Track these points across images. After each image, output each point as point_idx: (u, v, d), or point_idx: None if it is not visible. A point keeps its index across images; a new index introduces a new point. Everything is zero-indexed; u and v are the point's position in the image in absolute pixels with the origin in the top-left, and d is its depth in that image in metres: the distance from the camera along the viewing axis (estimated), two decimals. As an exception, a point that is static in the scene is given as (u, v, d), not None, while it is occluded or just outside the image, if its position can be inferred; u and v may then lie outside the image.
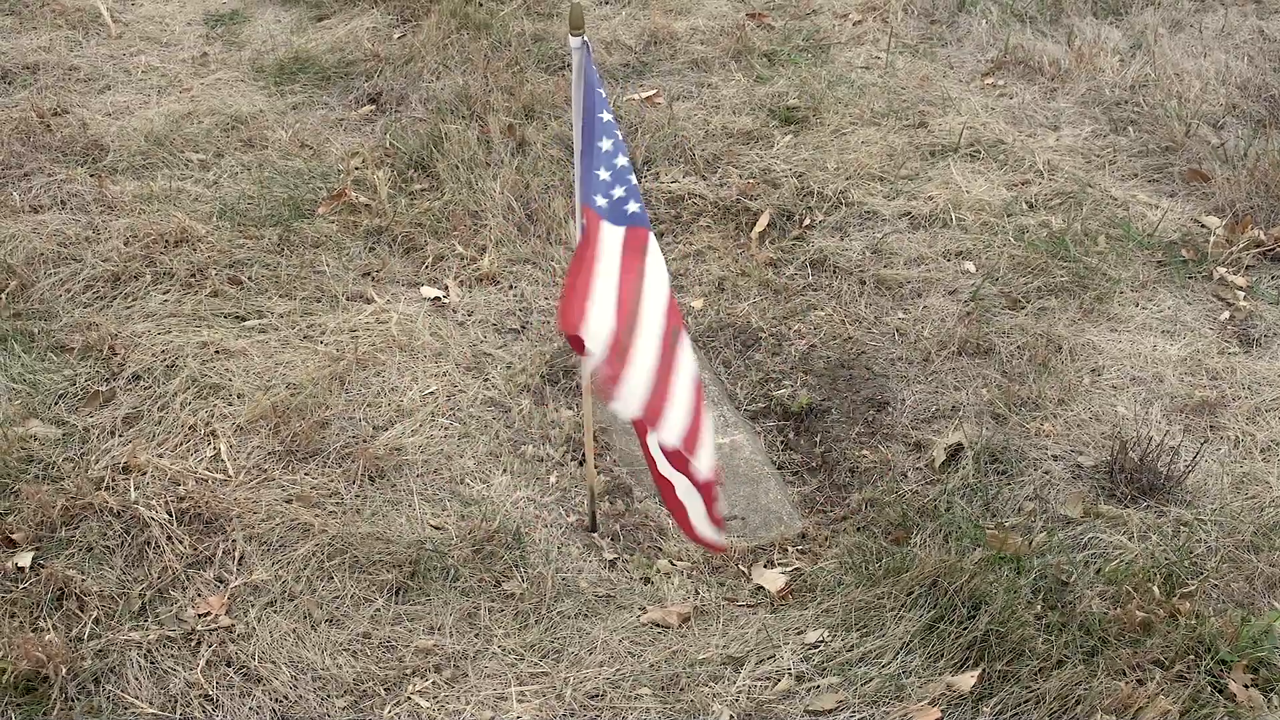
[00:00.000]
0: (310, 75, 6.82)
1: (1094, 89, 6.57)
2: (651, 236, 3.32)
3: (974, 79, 6.77)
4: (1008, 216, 5.64)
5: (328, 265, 5.36)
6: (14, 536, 3.95)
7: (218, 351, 4.82)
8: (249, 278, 5.26)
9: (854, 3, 7.59)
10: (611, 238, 3.23)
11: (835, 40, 7.19)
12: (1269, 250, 5.39)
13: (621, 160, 3.32)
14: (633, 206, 3.30)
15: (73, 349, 4.80)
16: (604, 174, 3.28)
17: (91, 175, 5.88)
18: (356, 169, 5.97)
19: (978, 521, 4.13)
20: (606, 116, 3.36)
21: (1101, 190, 5.83)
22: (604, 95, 3.40)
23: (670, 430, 3.15)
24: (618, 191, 3.29)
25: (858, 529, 4.23)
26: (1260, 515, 4.14)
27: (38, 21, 7.21)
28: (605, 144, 3.31)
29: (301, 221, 5.62)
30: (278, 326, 5.01)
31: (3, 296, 5.06)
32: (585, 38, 3.34)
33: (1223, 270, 5.30)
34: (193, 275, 5.24)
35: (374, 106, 6.60)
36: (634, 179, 3.34)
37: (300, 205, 5.72)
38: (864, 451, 4.57)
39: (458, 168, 5.90)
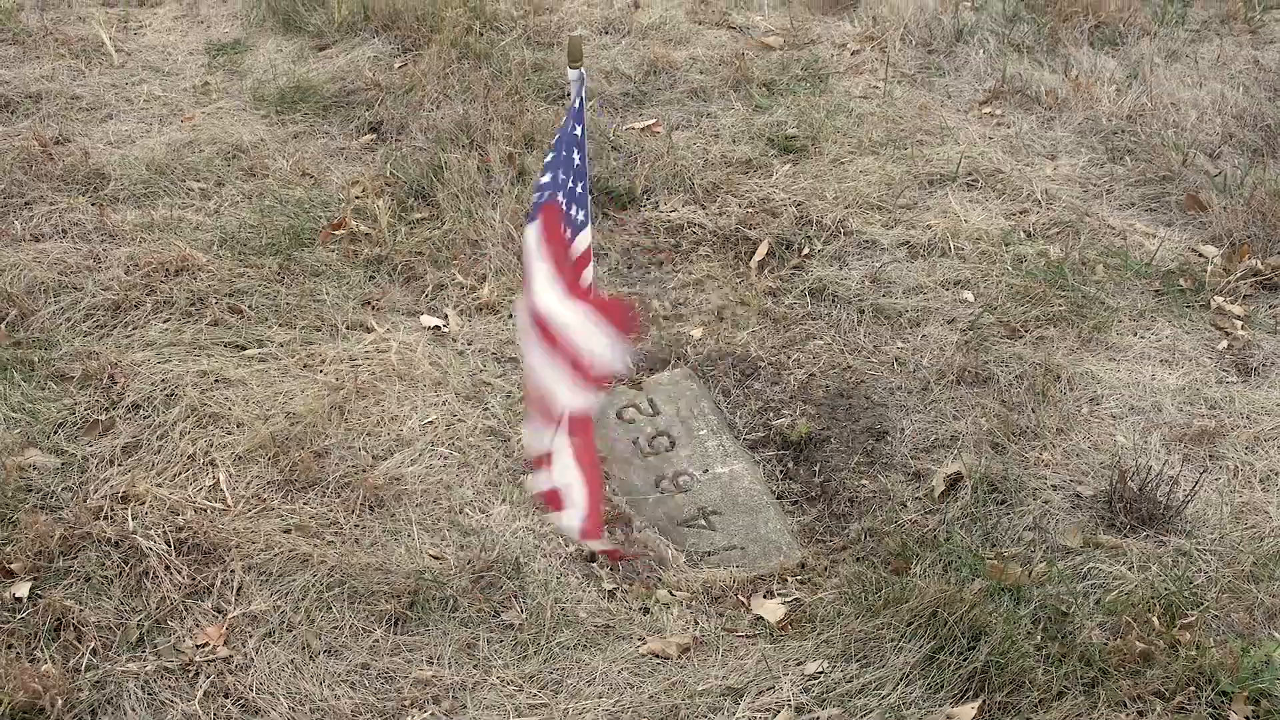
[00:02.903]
0: (311, 104, 6.85)
1: (1091, 118, 6.59)
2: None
3: (972, 108, 6.80)
4: (1006, 246, 5.66)
5: (328, 294, 5.37)
6: (11, 566, 3.94)
7: (217, 380, 4.82)
8: (249, 306, 5.27)
9: (852, 33, 7.63)
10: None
11: (834, 70, 7.22)
12: (1266, 279, 5.40)
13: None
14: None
15: (72, 378, 4.80)
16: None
17: (93, 204, 5.89)
18: (357, 198, 5.99)
19: (977, 551, 4.13)
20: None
21: (1099, 219, 5.85)
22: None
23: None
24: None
25: (857, 559, 4.22)
26: (1260, 545, 4.14)
27: (41, 51, 7.24)
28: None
29: (302, 250, 5.63)
30: (277, 355, 5.01)
31: (3, 325, 5.06)
32: (583, 70, 3.36)
33: (1220, 299, 5.31)
34: (193, 304, 5.25)
35: (374, 135, 6.62)
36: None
37: (301, 234, 5.74)
38: (863, 481, 4.57)
39: (458, 196, 5.91)
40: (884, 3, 7.78)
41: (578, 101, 3.42)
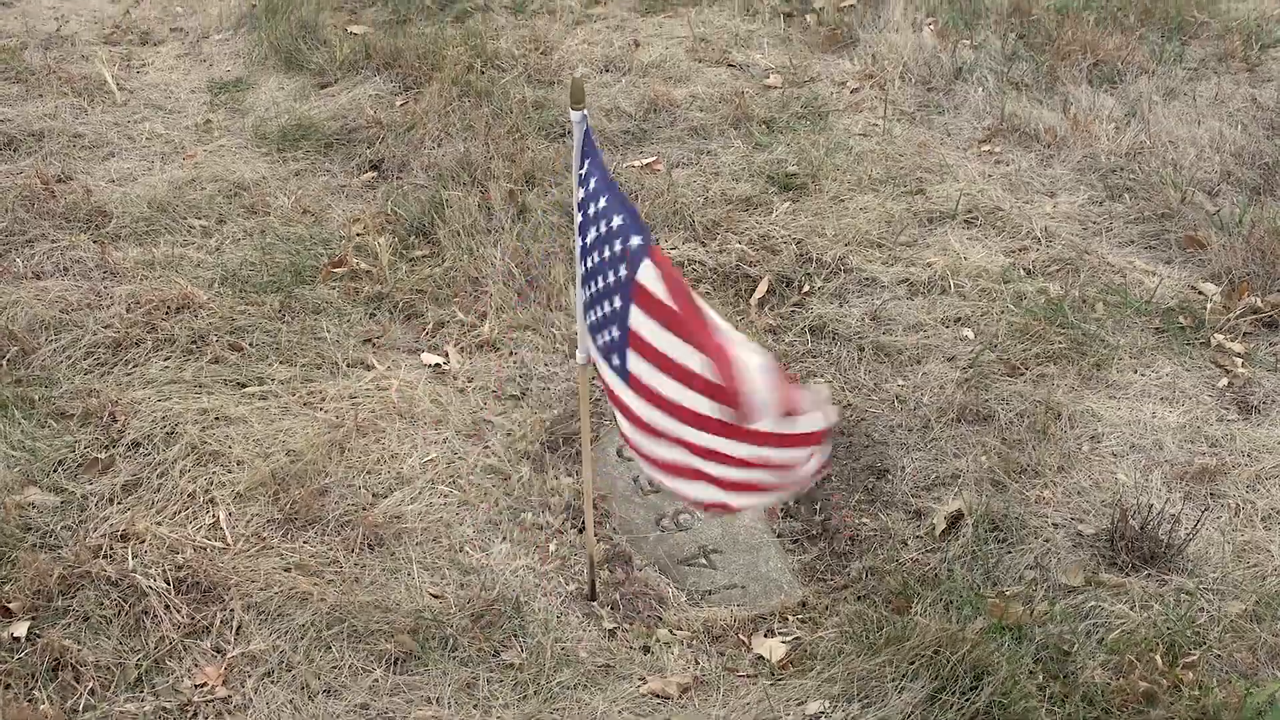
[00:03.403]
0: (313, 142, 6.87)
1: (1090, 156, 6.61)
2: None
3: (971, 146, 6.82)
4: (1005, 283, 5.67)
5: (328, 331, 5.37)
6: (10, 606, 3.93)
7: (218, 418, 4.82)
8: (250, 344, 5.28)
9: (852, 71, 7.65)
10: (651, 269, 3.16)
11: (833, 108, 7.25)
12: (1266, 317, 5.41)
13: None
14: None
15: (73, 415, 4.80)
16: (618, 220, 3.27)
17: (95, 241, 5.91)
18: (358, 235, 6.00)
19: (979, 590, 4.12)
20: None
21: (1099, 257, 5.86)
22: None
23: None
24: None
25: (858, 597, 4.21)
26: (1262, 584, 4.13)
27: (44, 89, 7.27)
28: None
29: (303, 288, 5.64)
30: (278, 393, 5.01)
31: (4, 363, 5.07)
32: (586, 111, 3.37)
33: (1220, 337, 5.32)
34: (194, 341, 5.26)
35: (376, 173, 6.64)
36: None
37: (302, 271, 5.75)
38: (864, 519, 4.57)
39: (459, 234, 5.92)
40: (883, 41, 7.81)
41: (587, 142, 3.40)
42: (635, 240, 3.14)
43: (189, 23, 8.29)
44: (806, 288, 5.71)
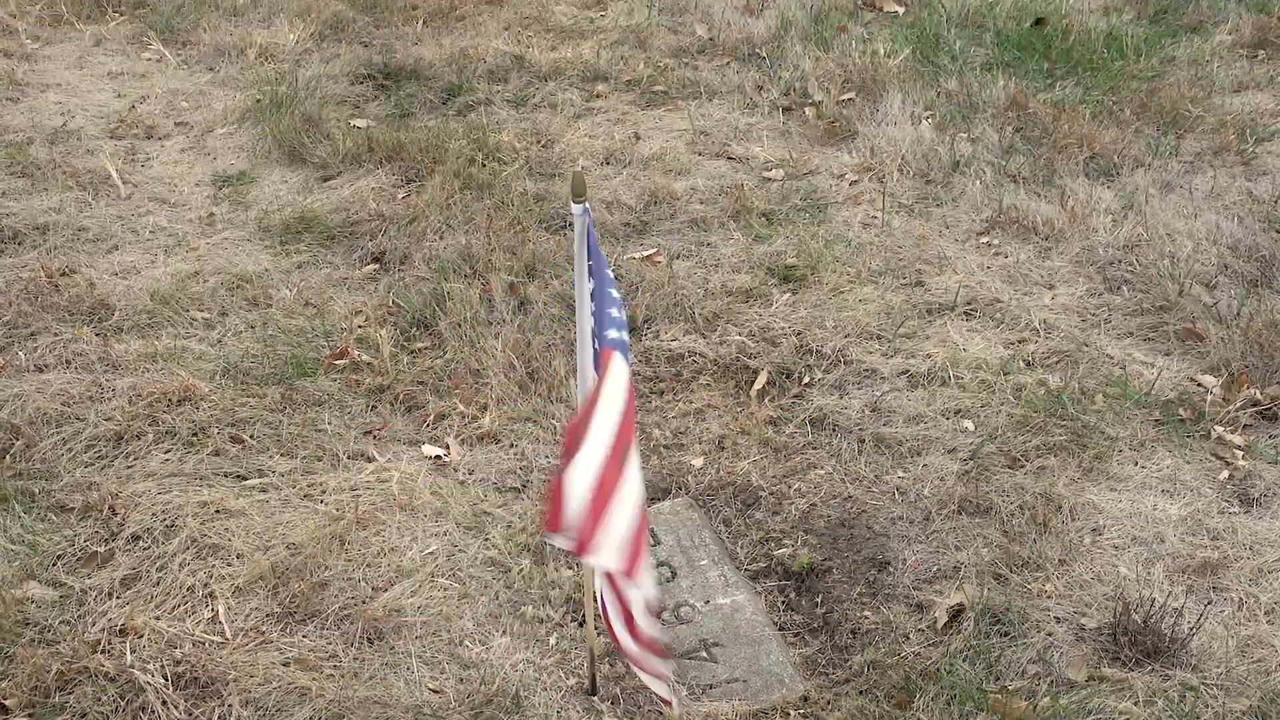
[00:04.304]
0: (315, 234, 6.92)
1: (1087, 248, 6.66)
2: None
3: (969, 238, 6.87)
4: (1005, 375, 5.68)
5: (329, 424, 5.38)
6: (7, 703, 3.91)
7: (218, 511, 4.82)
8: (251, 436, 5.29)
9: (850, 163, 7.73)
10: (619, 371, 3.19)
11: (833, 200, 7.31)
12: (1266, 409, 5.42)
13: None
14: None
15: (73, 509, 4.80)
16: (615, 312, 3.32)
17: (97, 334, 5.93)
18: (359, 327, 6.04)
19: (981, 685, 4.09)
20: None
21: (1098, 349, 5.88)
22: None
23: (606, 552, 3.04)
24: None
25: (860, 692, 4.18)
26: (1267, 680, 4.11)
27: (49, 183, 7.34)
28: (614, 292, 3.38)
29: (304, 380, 5.66)
30: (278, 486, 5.01)
31: (6, 456, 5.08)
32: (587, 204, 3.41)
33: (1220, 429, 5.32)
34: (195, 434, 5.27)
35: (378, 265, 6.69)
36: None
37: (303, 363, 5.77)
38: (866, 612, 4.55)
39: (460, 326, 5.96)
40: (882, 134, 7.90)
41: (589, 236, 3.44)
42: (611, 334, 3.23)
43: (194, 117, 8.38)
44: (807, 379, 5.73)
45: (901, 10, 9.90)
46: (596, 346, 3.41)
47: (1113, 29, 9.21)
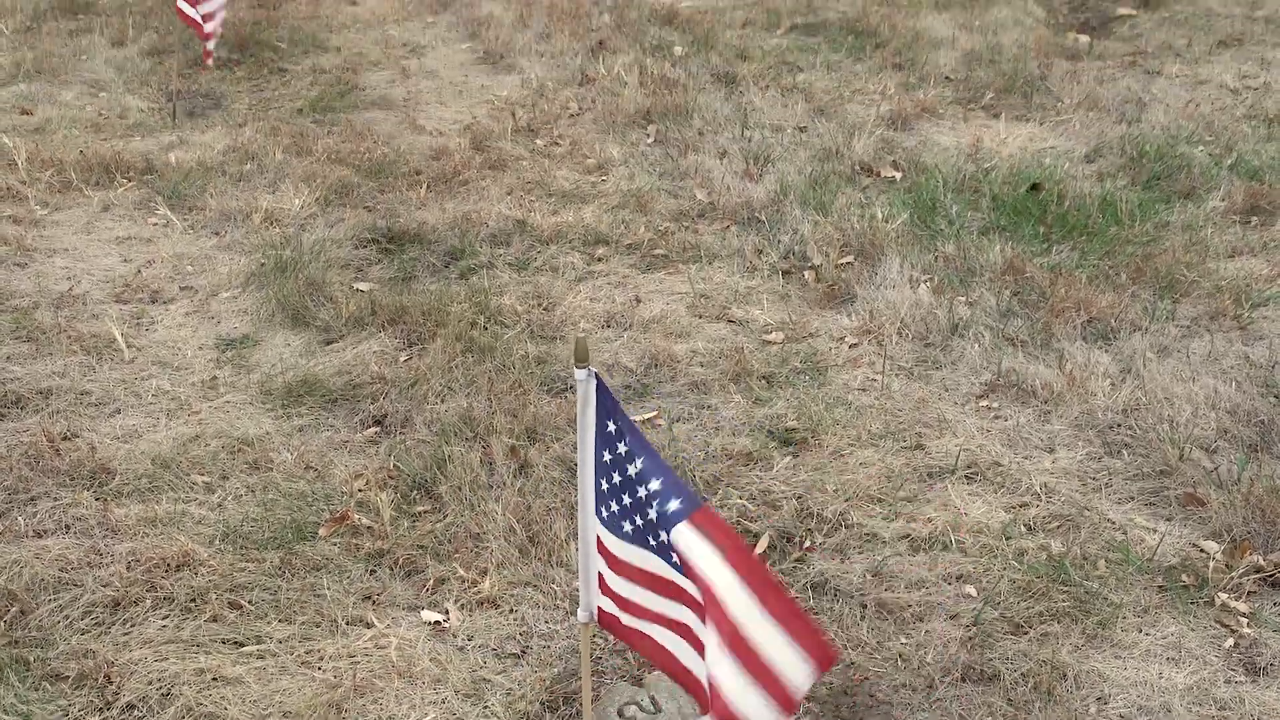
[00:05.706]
0: (317, 397, 6.96)
1: (1086, 412, 6.69)
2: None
3: (969, 401, 6.91)
4: (1007, 539, 5.67)
5: (328, 589, 5.36)
6: None
7: (215, 678, 4.78)
8: (249, 602, 5.26)
9: (849, 326, 7.80)
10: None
11: (832, 363, 7.36)
12: (1269, 576, 5.39)
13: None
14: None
15: (68, 677, 4.76)
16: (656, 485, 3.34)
17: (97, 499, 5.94)
18: (360, 491, 6.04)
19: None
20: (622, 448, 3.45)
21: (1099, 513, 5.87)
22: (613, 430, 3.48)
23: None
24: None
25: None
26: None
27: (53, 348, 7.40)
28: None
29: (304, 544, 5.65)
30: (276, 652, 4.97)
31: (2, 624, 5.04)
32: (590, 369, 3.44)
33: (1224, 596, 5.30)
34: (193, 600, 5.24)
35: (379, 428, 6.71)
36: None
37: (303, 528, 5.76)
38: (870, 785, 4.48)
39: (460, 489, 5.96)
40: (880, 298, 7.98)
41: (608, 398, 3.46)
42: (672, 504, 3.21)
43: (199, 281, 8.48)
44: (807, 543, 5.71)
45: (898, 175, 10.07)
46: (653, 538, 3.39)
47: (1107, 194, 9.36)
